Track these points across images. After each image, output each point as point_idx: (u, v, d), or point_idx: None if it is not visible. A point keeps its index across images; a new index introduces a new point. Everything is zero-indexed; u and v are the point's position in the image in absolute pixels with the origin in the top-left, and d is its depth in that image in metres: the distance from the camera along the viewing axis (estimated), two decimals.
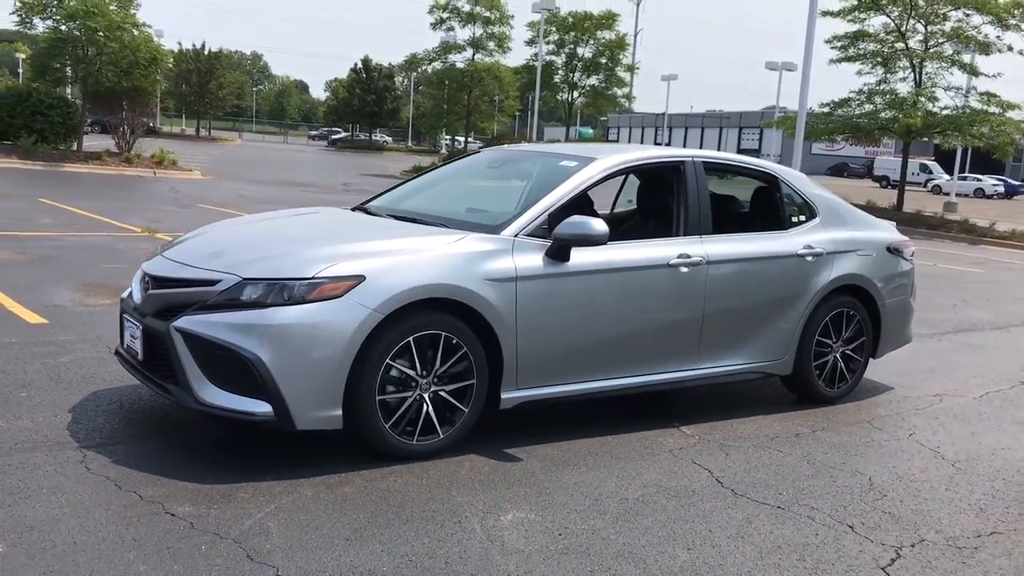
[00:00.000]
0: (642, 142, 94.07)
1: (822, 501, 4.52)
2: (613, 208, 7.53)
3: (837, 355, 6.43)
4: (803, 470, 4.99)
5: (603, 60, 45.77)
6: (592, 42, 45.74)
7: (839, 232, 6.42)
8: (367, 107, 68.57)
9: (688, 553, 3.82)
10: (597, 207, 6.34)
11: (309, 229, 5.57)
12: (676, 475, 4.77)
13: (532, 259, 4.98)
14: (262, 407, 4.32)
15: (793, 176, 6.52)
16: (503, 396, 4.95)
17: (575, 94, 46.30)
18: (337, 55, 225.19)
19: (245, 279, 4.45)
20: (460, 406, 4.81)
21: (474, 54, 38.64)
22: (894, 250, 6.74)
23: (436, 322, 4.65)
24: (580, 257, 5.14)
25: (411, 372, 4.63)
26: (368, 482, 4.35)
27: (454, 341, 4.71)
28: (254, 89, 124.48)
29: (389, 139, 76.18)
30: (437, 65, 39.48)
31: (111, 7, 28.19)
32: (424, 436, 4.71)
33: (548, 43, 44.01)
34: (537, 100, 38.81)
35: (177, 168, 28.55)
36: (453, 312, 4.71)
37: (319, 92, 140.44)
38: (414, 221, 5.42)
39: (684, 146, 48.71)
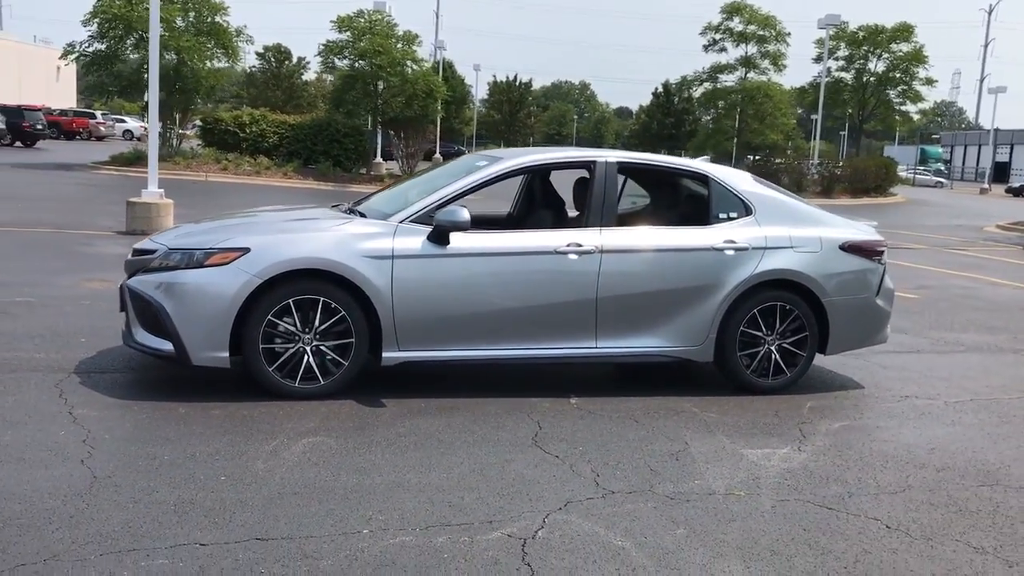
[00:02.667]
0: (977, 161, 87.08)
1: (623, 465, 5.05)
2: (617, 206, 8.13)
3: (772, 348, 6.66)
4: (625, 436, 5.48)
5: (897, 74, 43.43)
6: (886, 56, 43.60)
7: (775, 229, 6.65)
8: (666, 130, 69.74)
9: (418, 475, 4.62)
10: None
11: (259, 219, 6.72)
12: (499, 429, 5.49)
13: (412, 241, 5.93)
14: (167, 346, 5.68)
15: (729, 176, 6.84)
16: (384, 355, 5.93)
17: (865, 111, 44.32)
18: (647, 80, 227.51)
19: (171, 249, 5.85)
20: (341, 360, 5.87)
21: (746, 73, 38.52)
22: (850, 249, 6.80)
23: (315, 289, 5.76)
24: (464, 241, 6.01)
25: (293, 328, 5.77)
26: (234, 410, 5.54)
27: (332, 306, 5.79)
28: (573, 117, 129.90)
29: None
30: (708, 86, 39.81)
31: (397, 45, 31.75)
32: (306, 381, 5.82)
33: (836, 59, 42.61)
34: (820, 117, 37.94)
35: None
36: (333, 282, 5.79)
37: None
38: (362, 215, 6.51)
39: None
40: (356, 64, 31.62)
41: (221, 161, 29.83)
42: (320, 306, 5.77)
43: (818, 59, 41.31)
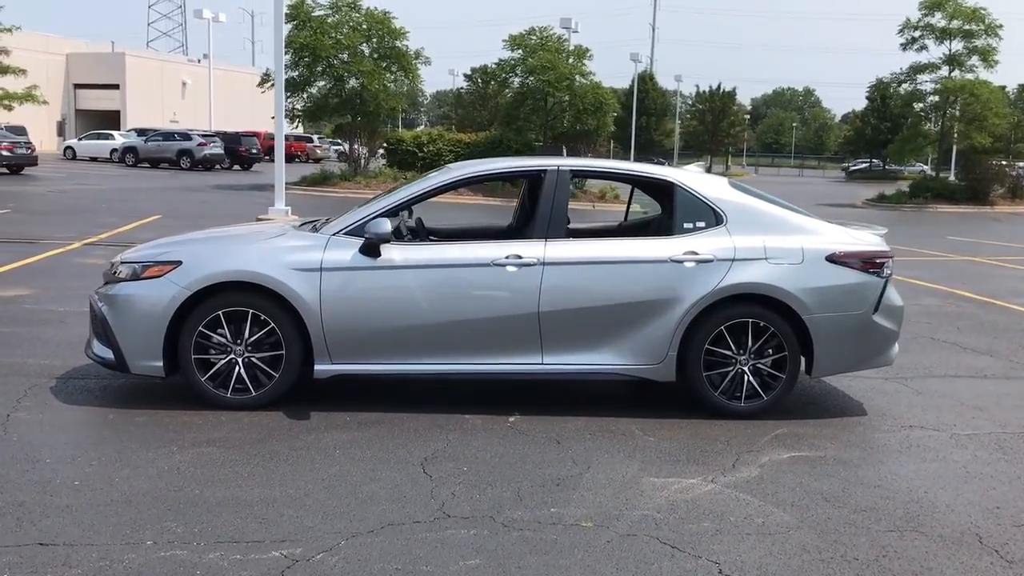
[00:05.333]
0: None
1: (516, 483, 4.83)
2: (626, 218, 7.76)
3: (745, 368, 6.10)
4: (542, 466, 5.18)
5: None
6: None
7: (747, 239, 6.09)
8: (881, 135, 65.68)
9: (277, 490, 4.61)
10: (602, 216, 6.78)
11: (212, 234, 6.85)
12: (400, 447, 5.35)
13: (342, 254, 5.92)
14: (109, 354, 5.97)
15: (698, 182, 6.31)
16: (316, 368, 5.95)
17: None
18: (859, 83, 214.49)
19: (122, 262, 6.15)
20: (272, 372, 5.94)
21: (951, 71, 35.54)
22: (839, 260, 6.11)
23: (244, 301, 5.87)
24: (396, 253, 5.94)
25: (225, 340, 5.91)
26: (158, 418, 5.73)
27: (262, 318, 5.88)
28: (793, 125, 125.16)
29: (907, 168, 71.43)
30: (907, 86, 37.03)
31: (568, 60, 31.88)
32: (238, 392, 5.93)
33: None
34: None
35: (619, 201, 31.14)
36: (262, 294, 5.87)
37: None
38: (314, 229, 6.57)
39: None
40: (526, 81, 32.02)
41: (399, 179, 31.03)
42: (249, 318, 5.87)
43: None
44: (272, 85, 32.98)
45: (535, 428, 5.79)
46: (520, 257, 5.95)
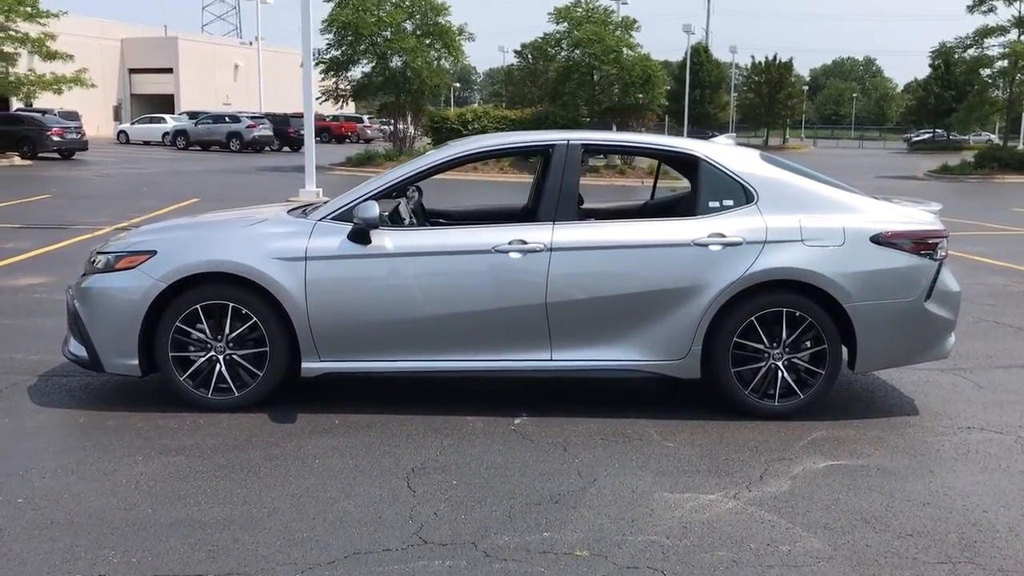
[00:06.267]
0: None
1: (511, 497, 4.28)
2: (653, 195, 7.12)
3: (779, 364, 5.44)
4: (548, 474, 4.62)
5: None
6: None
7: (781, 218, 5.42)
8: (944, 104, 63.23)
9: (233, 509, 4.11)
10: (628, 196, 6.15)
11: (191, 221, 6.32)
12: (387, 455, 4.82)
13: (329, 241, 5.38)
14: (83, 352, 5.52)
15: (725, 155, 5.63)
16: (303, 366, 5.44)
17: None
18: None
19: (99, 253, 5.69)
20: (256, 370, 5.44)
21: (1020, 34, 33.77)
22: (886, 240, 5.41)
23: (223, 294, 5.37)
24: (388, 240, 5.39)
25: (204, 336, 5.42)
26: (130, 421, 5.27)
27: (243, 312, 5.38)
28: (853, 96, 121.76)
29: (973, 137, 68.73)
30: (973, 52, 35.29)
31: (615, 32, 30.99)
32: (219, 392, 5.45)
33: None
34: None
35: (671, 177, 30.19)
36: (242, 286, 5.37)
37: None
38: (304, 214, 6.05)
39: None
40: (572, 54, 31.20)
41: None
42: (230, 312, 5.37)
43: None
44: (316, 64, 32.74)
45: (542, 432, 5.21)
46: (524, 242, 5.36)
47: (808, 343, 5.45)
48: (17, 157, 31.61)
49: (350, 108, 68.04)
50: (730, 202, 5.49)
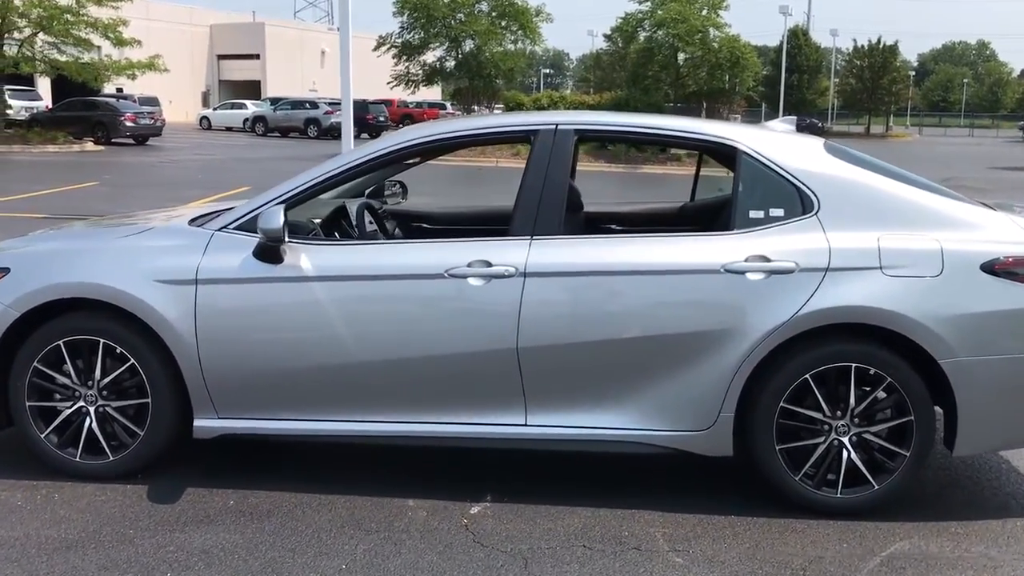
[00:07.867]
0: None
1: None
2: (692, 197, 5.54)
3: (845, 440, 3.86)
4: None
5: None
6: None
7: (851, 235, 3.82)
8: None
9: None
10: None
11: (67, 230, 5.26)
12: (268, 567, 3.43)
13: (229, 259, 4.01)
14: None
15: (774, 147, 4.03)
16: (196, 424, 4.09)
17: None
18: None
19: None
20: (136, 428, 4.12)
21: None
22: (1004, 271, 3.76)
23: (90, 327, 4.06)
24: (308, 259, 3.99)
25: (67, 381, 4.12)
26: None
27: (118, 351, 4.06)
28: (963, 81, 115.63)
29: None
30: None
31: (701, 12, 29.07)
32: (90, 455, 4.15)
33: None
34: None
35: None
36: (116, 316, 4.05)
37: None
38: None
39: None
40: (654, 35, 29.35)
41: (515, 147, 29.08)
42: (100, 351, 4.06)
43: None
44: (388, 49, 31.79)
45: (502, 529, 3.75)
46: (489, 264, 3.88)
47: (887, 412, 3.85)
48: (91, 143, 31.40)
49: (435, 94, 67.34)
50: (779, 211, 3.91)
